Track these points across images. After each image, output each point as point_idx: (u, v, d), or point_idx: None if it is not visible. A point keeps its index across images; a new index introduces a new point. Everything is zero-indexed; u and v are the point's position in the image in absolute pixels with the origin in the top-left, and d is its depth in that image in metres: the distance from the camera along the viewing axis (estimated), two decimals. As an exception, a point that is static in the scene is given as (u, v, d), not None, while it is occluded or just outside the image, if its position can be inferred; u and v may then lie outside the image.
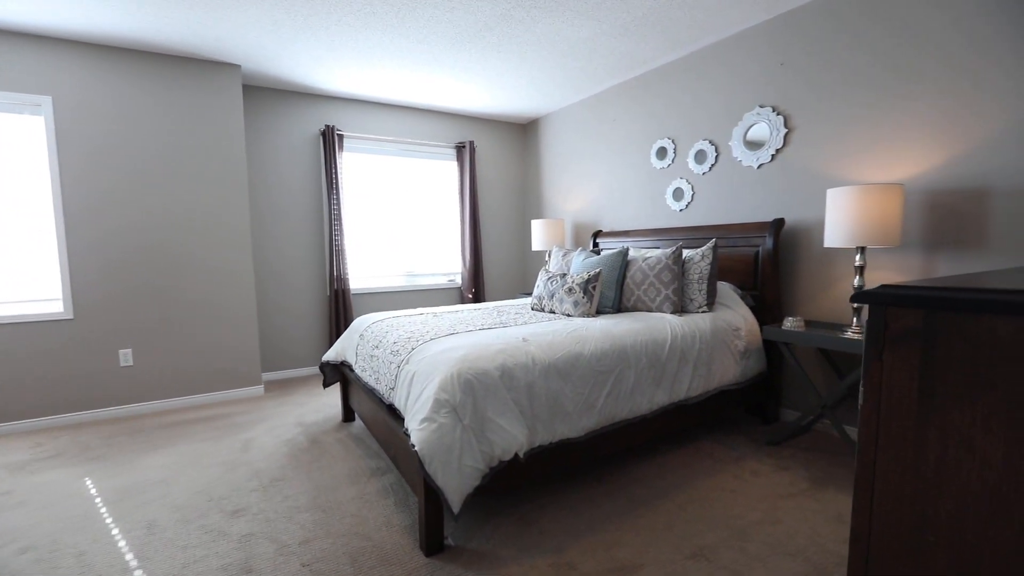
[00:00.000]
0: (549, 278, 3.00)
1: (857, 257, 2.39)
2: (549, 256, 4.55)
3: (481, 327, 2.43)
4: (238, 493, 2.24)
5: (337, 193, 4.24)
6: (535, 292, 3.09)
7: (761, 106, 3.05)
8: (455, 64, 3.62)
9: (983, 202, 2.22)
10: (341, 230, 4.27)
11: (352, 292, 4.48)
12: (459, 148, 4.90)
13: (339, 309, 4.32)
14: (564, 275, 2.92)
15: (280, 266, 4.20)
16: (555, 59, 3.55)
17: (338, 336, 4.30)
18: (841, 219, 2.34)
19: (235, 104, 3.57)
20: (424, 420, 1.70)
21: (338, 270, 4.30)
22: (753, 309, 2.92)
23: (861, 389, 0.72)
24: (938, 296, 0.60)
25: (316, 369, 4.39)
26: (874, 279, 2.55)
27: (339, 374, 3.14)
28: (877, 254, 2.55)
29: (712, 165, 3.38)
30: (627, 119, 4.04)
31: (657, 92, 3.74)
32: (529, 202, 5.38)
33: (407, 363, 2.06)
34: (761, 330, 2.83)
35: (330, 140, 4.21)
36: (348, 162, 4.47)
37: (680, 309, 2.75)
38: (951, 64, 2.27)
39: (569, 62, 3.61)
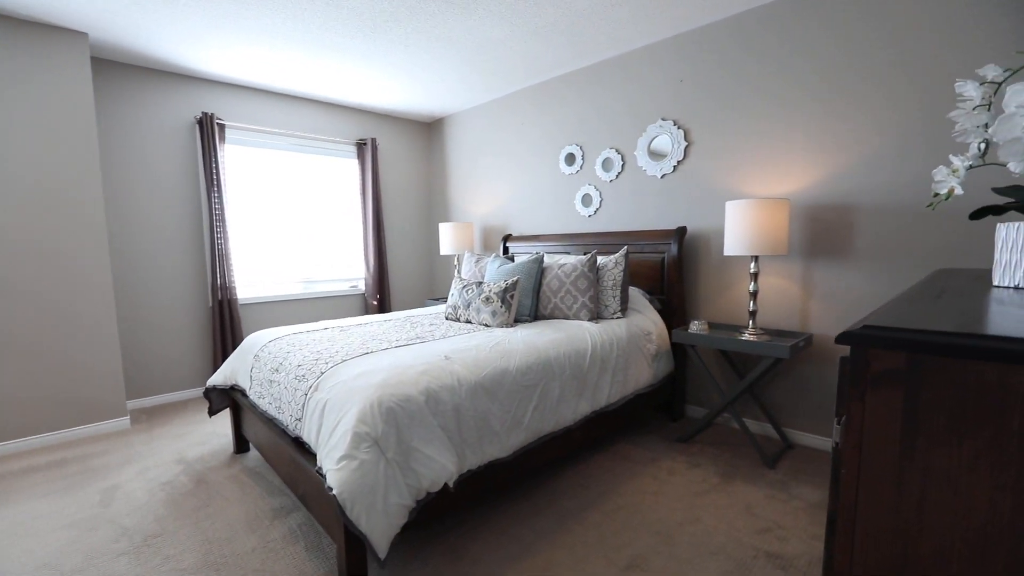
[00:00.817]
0: (464, 287, 2.89)
1: (752, 264, 2.59)
2: (458, 261, 4.44)
3: (396, 343, 2.25)
4: (100, 561, 1.84)
5: (219, 190, 3.73)
6: (449, 301, 2.96)
7: (663, 119, 3.21)
8: (358, 55, 3.36)
9: (851, 217, 2.51)
10: (225, 232, 3.77)
11: (240, 302, 3.99)
12: (360, 145, 4.59)
13: (224, 322, 3.82)
14: (480, 284, 2.82)
15: (150, 273, 3.60)
16: (465, 57, 3.43)
17: (224, 353, 3.80)
18: (738, 230, 2.52)
19: (82, 81, 2.97)
20: (342, 458, 1.51)
21: (223, 278, 3.79)
22: (660, 312, 3.06)
23: (839, 426, 0.71)
24: (923, 340, 0.59)
25: (197, 392, 3.84)
26: (766, 283, 2.79)
27: (228, 399, 2.76)
28: (767, 261, 2.79)
29: (619, 173, 3.50)
30: (536, 123, 4.04)
31: (565, 98, 3.78)
32: (435, 204, 5.21)
33: (316, 390, 1.83)
34: (670, 333, 2.98)
35: (208, 130, 3.69)
36: (232, 156, 3.96)
37: (596, 316, 2.79)
38: (836, 86, 2.53)
39: (480, 62, 3.52)
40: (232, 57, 3.37)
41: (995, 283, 1.11)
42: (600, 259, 2.95)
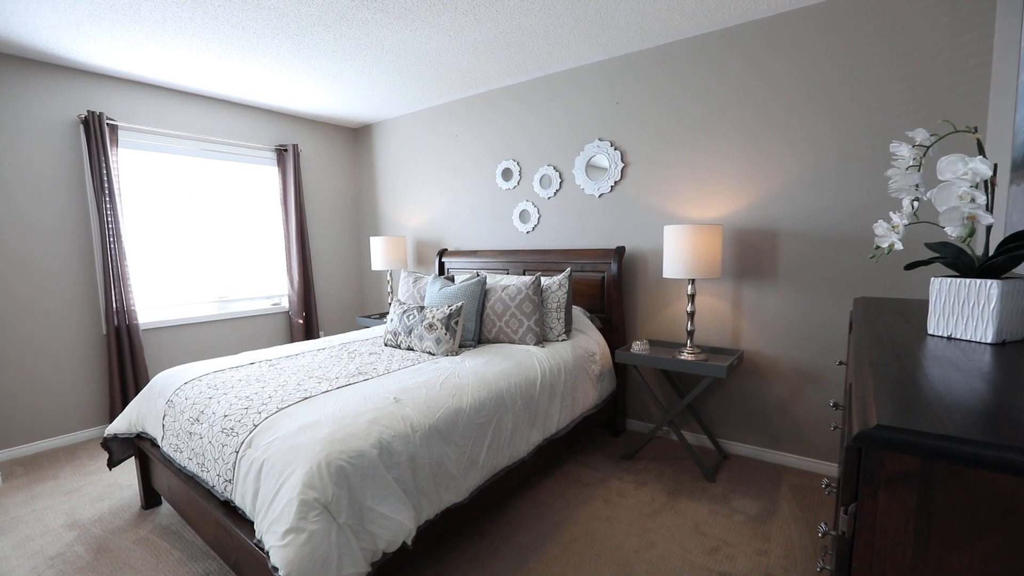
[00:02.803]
0: (405, 311, 2.75)
1: (689, 286, 2.69)
2: (391, 278, 4.25)
3: (336, 382, 2.08)
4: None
5: (111, 200, 3.27)
6: (389, 326, 2.81)
7: (600, 139, 3.26)
8: (279, 58, 3.08)
9: (775, 241, 2.69)
10: (121, 247, 3.31)
11: (142, 327, 3.53)
12: (280, 151, 4.24)
13: (123, 350, 3.36)
14: (422, 308, 2.70)
15: (22, 296, 3.07)
16: (399, 66, 3.27)
17: (123, 387, 3.35)
18: (676, 253, 2.61)
19: (-71, 76, 2.46)
20: (288, 532, 1.35)
21: (119, 300, 3.33)
22: (601, 331, 3.11)
23: (846, 517, 0.71)
24: (937, 446, 0.60)
25: (91, 435, 3.35)
26: (701, 303, 2.92)
27: (133, 447, 2.42)
28: (702, 281, 2.92)
29: (557, 190, 3.51)
30: (472, 136, 3.96)
31: (504, 111, 3.74)
32: (364, 216, 4.95)
33: (249, 447, 1.63)
34: (613, 353, 3.03)
35: (96, 131, 3.22)
36: (128, 161, 3.49)
37: (542, 339, 2.77)
38: (756, 115, 2.69)
39: (414, 71, 3.37)
40: (125, 51, 2.95)
41: (930, 331, 1.21)
42: (544, 280, 2.94)
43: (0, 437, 3.02)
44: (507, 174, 3.76)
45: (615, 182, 3.21)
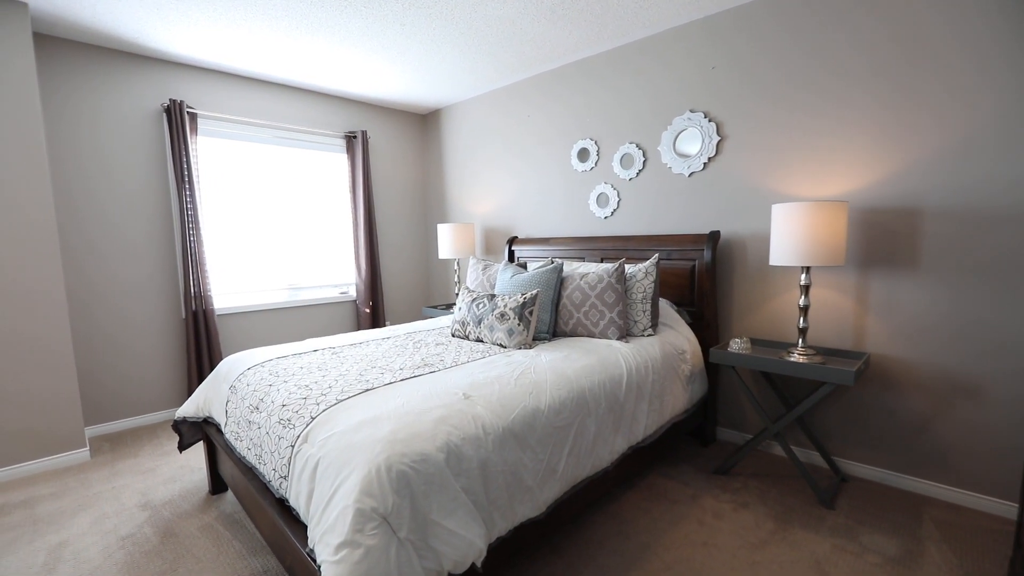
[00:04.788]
0: (474, 300, 2.53)
1: (802, 276, 2.27)
2: (459, 266, 4.08)
3: (400, 374, 1.89)
4: (33, 658, 1.46)
5: (191, 188, 3.32)
6: (457, 316, 2.61)
7: (692, 110, 2.88)
8: (347, 35, 2.96)
9: (915, 221, 2.21)
10: (199, 235, 3.36)
11: (217, 312, 3.58)
12: (350, 138, 4.19)
13: (200, 335, 3.42)
14: (492, 296, 2.47)
15: (112, 282, 3.18)
16: (469, 39, 3.06)
17: (200, 372, 3.40)
18: (788, 237, 2.20)
19: (21, 57, 2.53)
20: (342, 546, 1.15)
21: (197, 286, 3.39)
22: (690, 327, 2.74)
23: None
24: None
25: (168, 414, 3.44)
26: (817, 296, 2.48)
27: (201, 432, 2.38)
28: (817, 271, 2.48)
29: (639, 171, 3.16)
30: (544, 116, 3.69)
31: (580, 87, 3.43)
32: (432, 203, 4.83)
33: (305, 442, 1.47)
34: (706, 352, 2.66)
35: (178, 120, 3.27)
36: (206, 149, 3.54)
37: (625, 333, 2.45)
38: (870, 91, 2.23)
39: (485, 44, 3.14)
40: (202, 37, 2.95)
41: None
42: (628, 268, 2.62)
43: (92, 413, 3.15)
44: (583, 155, 3.46)
45: (708, 158, 2.83)
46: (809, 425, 2.57)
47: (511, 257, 3.81)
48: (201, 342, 3.42)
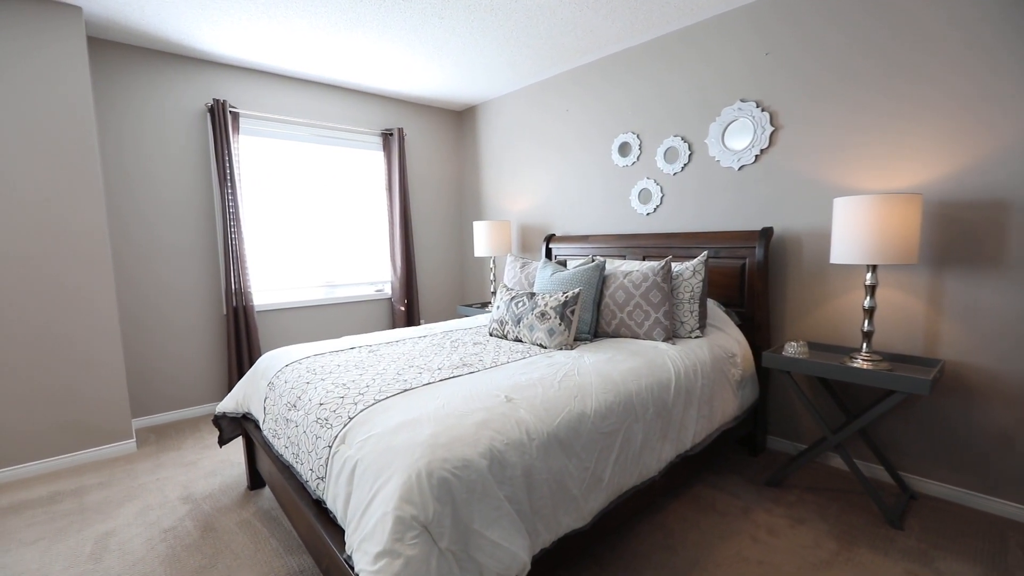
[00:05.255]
0: (513, 298, 2.46)
1: (868, 275, 2.10)
2: (495, 264, 4.02)
3: (439, 374, 1.83)
4: (77, 651, 1.47)
5: (233, 186, 3.37)
6: (495, 314, 2.54)
7: (743, 100, 2.72)
8: (385, 29, 2.93)
9: (1002, 215, 2.00)
10: (240, 232, 3.41)
11: (256, 309, 3.63)
12: (386, 136, 4.18)
13: (240, 331, 3.47)
14: (532, 295, 2.39)
15: (157, 277, 3.26)
16: (507, 31, 2.98)
17: (239, 367, 3.45)
18: (852, 233, 2.03)
19: (76, 61, 2.61)
20: (381, 555, 1.09)
21: (238, 282, 3.44)
22: (740, 329, 2.59)
23: None
24: None
25: (209, 408, 3.50)
26: (883, 298, 2.30)
27: (240, 428, 2.39)
28: (884, 271, 2.29)
29: (685, 164, 3.02)
30: (583, 110, 3.58)
31: (621, 79, 3.31)
32: (467, 201, 4.78)
33: (343, 443, 1.42)
34: (757, 356, 2.51)
35: (220, 119, 3.32)
36: (246, 148, 3.59)
37: (672, 334, 2.33)
38: (954, 66, 2.04)
39: (523, 35, 3.06)
40: (244, 35, 2.98)
41: None
42: (675, 266, 2.49)
43: (139, 405, 3.23)
44: (624, 149, 3.33)
45: (761, 150, 2.66)
46: (872, 436, 2.38)
47: (548, 255, 3.72)
48: (241, 338, 3.47)
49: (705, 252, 2.48)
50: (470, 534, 1.21)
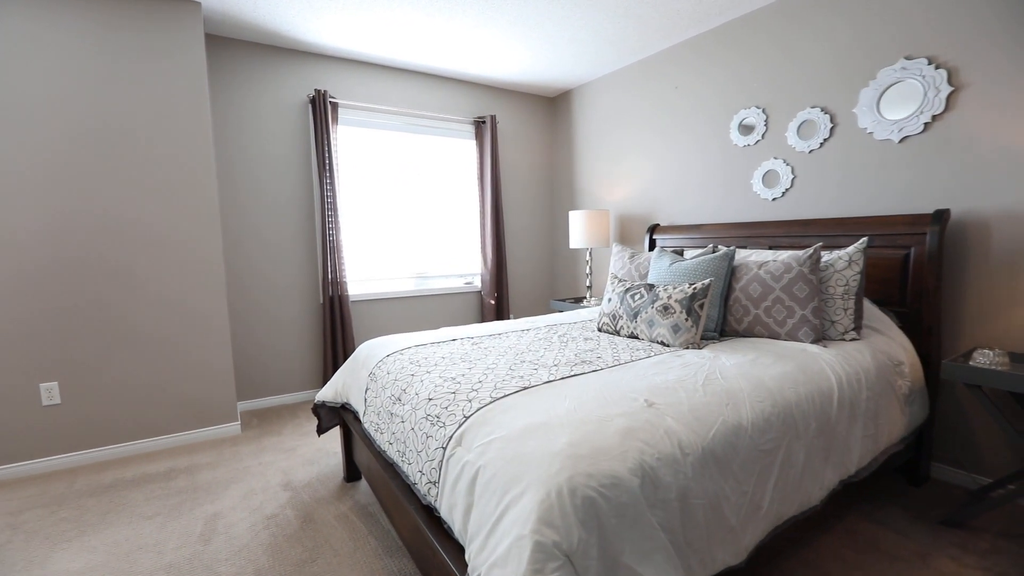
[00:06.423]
0: (628, 290, 2.20)
1: (1105, 266, 1.61)
2: (590, 256, 3.77)
3: (557, 371, 1.62)
4: (186, 641, 1.42)
5: (331, 175, 3.39)
6: (606, 308, 2.29)
7: (908, 57, 2.26)
8: (483, 8, 2.77)
9: None
10: (336, 221, 3.42)
11: (350, 299, 3.64)
12: (479, 123, 4.06)
13: (335, 321, 3.49)
14: (652, 287, 2.12)
15: (262, 264, 3.34)
16: (611, 5, 2.72)
17: (334, 357, 3.47)
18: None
19: (195, 55, 2.69)
20: (519, 588, 0.89)
21: (334, 272, 3.45)
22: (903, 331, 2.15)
23: None
24: None
25: (306, 395, 3.55)
26: (1121, 297, 1.79)
27: (338, 417, 2.33)
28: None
29: (824, 140, 2.60)
30: (696, 86, 3.23)
31: (741, 49, 2.93)
32: (559, 190, 4.56)
33: (459, 445, 1.25)
34: (926, 365, 2.07)
35: (321, 109, 3.34)
36: (343, 137, 3.61)
37: (821, 335, 1.96)
38: None
39: (632, 5, 2.78)
40: (348, 24, 2.95)
41: None
42: (826, 256, 2.11)
43: (242, 390, 3.33)
44: (746, 128, 2.95)
45: (932, 116, 2.20)
46: (1095, 474, 1.87)
47: (651, 246, 3.41)
48: (336, 327, 3.49)
49: (864, 238, 2.08)
50: (619, 569, 0.98)
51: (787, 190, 2.78)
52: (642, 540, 1.01)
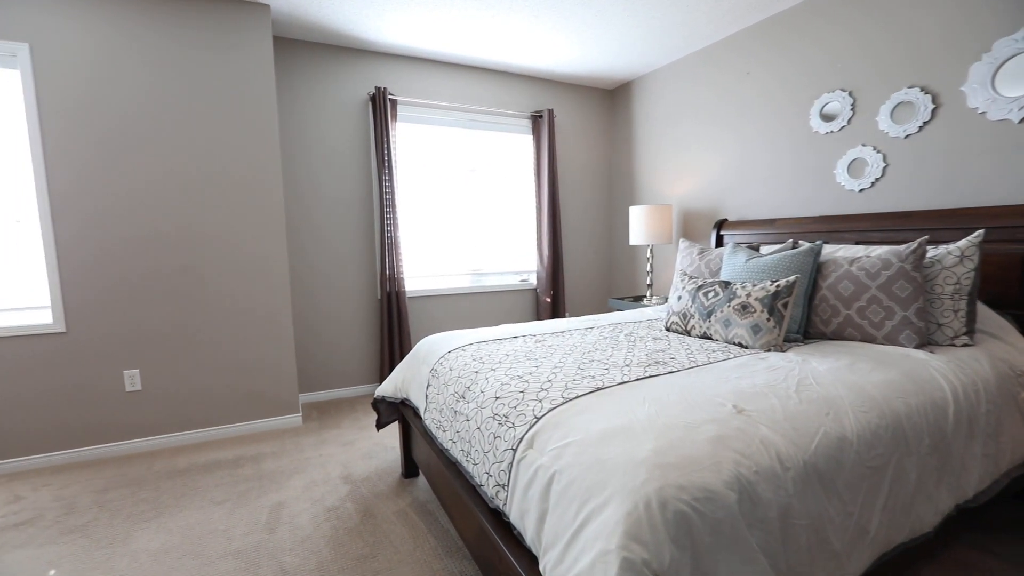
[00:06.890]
0: (700, 287, 2.06)
1: None
2: (651, 253, 3.61)
3: (630, 371, 1.52)
4: (254, 630, 1.43)
5: (390, 172, 3.41)
6: (676, 306, 2.16)
7: (1031, 27, 1.99)
8: (539, 3, 2.70)
9: None
10: (395, 218, 3.45)
11: (407, 295, 3.67)
12: (536, 118, 3.99)
13: (392, 316, 3.51)
14: (727, 284, 1.97)
15: (323, 260, 3.42)
16: (688, -19, 2.57)
17: (392, 352, 3.50)
18: None
19: (264, 56, 2.77)
20: (606, 610, 0.81)
21: (392, 268, 3.48)
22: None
23: None
24: None
25: (366, 390, 3.61)
26: None
27: (397, 412, 2.32)
28: None
29: (923, 123, 2.34)
30: (771, 71, 3.01)
31: (824, 27, 2.70)
32: (617, 185, 4.42)
33: (531, 447, 1.18)
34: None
35: (381, 106, 3.38)
36: (402, 134, 3.63)
37: (926, 340, 1.75)
38: None
39: (706, -14, 2.62)
40: (405, 23, 2.98)
41: None
42: (931, 251, 1.89)
43: (303, 383, 3.42)
44: (828, 112, 2.72)
45: (1063, 93, 1.92)
46: None
47: (719, 243, 3.22)
48: (393, 323, 3.52)
49: (979, 231, 1.84)
50: (714, 593, 0.88)
51: (877, 180, 2.53)
52: (740, 563, 0.90)
